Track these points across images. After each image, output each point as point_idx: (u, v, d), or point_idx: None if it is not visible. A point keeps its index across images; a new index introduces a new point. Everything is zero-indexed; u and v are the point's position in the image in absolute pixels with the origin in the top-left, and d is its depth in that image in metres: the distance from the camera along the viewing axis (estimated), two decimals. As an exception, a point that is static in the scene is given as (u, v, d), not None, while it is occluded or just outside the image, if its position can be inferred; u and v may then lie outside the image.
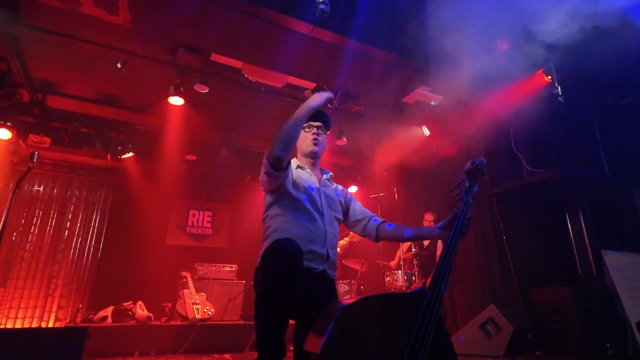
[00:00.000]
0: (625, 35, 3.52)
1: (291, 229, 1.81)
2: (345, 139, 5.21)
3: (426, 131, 5.23)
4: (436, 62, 3.51)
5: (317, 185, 2.04)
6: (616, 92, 4.52)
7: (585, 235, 4.56)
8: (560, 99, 3.47)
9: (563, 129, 4.46)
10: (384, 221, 2.11)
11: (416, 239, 1.95)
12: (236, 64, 4.22)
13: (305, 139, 2.08)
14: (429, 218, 5.25)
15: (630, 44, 3.62)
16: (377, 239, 2.09)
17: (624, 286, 4.24)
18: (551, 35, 3.56)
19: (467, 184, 1.62)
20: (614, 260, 4.43)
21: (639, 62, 3.90)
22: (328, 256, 1.87)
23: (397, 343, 1.21)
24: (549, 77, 3.58)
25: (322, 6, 2.21)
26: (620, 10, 3.40)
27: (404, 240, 2.08)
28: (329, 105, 4.82)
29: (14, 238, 5.85)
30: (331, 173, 2.20)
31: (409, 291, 1.39)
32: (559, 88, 3.51)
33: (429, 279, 1.41)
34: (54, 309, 5.82)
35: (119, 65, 3.95)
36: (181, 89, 4.23)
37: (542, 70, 3.70)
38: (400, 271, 4.85)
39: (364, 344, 1.21)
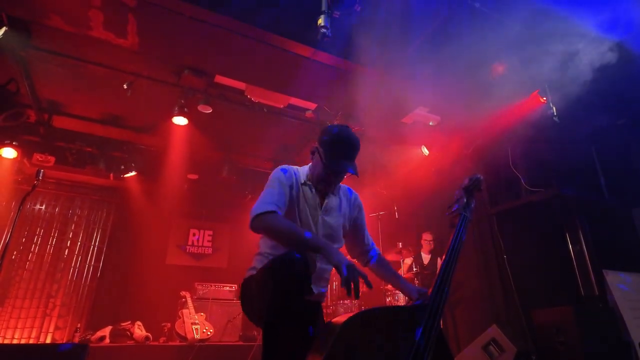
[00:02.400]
0: (620, 57, 3.64)
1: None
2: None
3: (425, 151, 5.30)
4: (433, 83, 3.61)
5: (318, 212, 1.84)
6: (611, 113, 4.61)
7: (586, 254, 4.55)
8: (556, 118, 3.55)
9: (560, 149, 4.52)
10: (378, 257, 2.01)
11: (395, 285, 1.88)
12: (239, 85, 4.33)
13: (321, 173, 1.81)
14: (427, 238, 5.27)
15: (624, 66, 3.74)
16: (365, 266, 2.03)
17: (627, 306, 4.21)
18: (546, 59, 3.68)
19: (465, 200, 1.66)
20: (616, 280, 4.40)
21: (632, 84, 4.02)
22: (311, 291, 1.70)
23: (399, 355, 1.22)
24: (544, 99, 3.68)
25: (323, 30, 2.31)
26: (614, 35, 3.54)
27: (387, 281, 2.00)
28: (328, 125, 4.90)
29: (13, 257, 5.83)
30: (340, 186, 1.95)
31: (409, 305, 1.41)
32: (554, 108, 3.60)
33: (429, 292, 1.43)
34: (51, 329, 5.75)
35: (125, 87, 4.06)
36: (185, 109, 4.33)
37: (537, 91, 3.80)
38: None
39: (365, 357, 1.22)
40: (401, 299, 4.76)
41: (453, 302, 5.07)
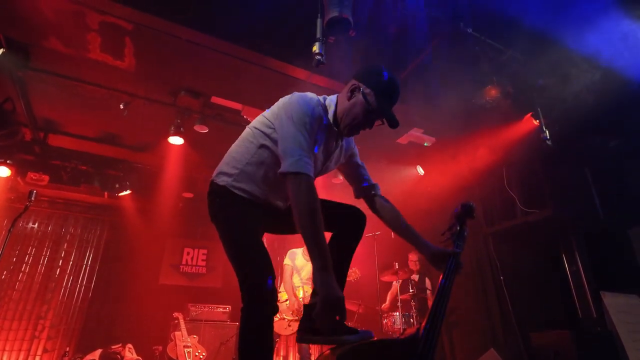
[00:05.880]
0: (609, 80, 3.71)
1: (256, 189, 1.67)
2: (341, 177, 5.30)
3: (421, 171, 5.32)
4: (427, 105, 3.65)
5: (327, 158, 1.79)
6: (604, 134, 4.66)
7: (583, 276, 4.52)
8: (549, 142, 3.58)
9: (555, 170, 4.55)
10: (375, 194, 1.88)
11: (410, 240, 1.74)
12: (235, 105, 4.35)
13: (359, 117, 1.64)
14: (413, 258, 5.27)
15: (615, 89, 3.80)
16: (372, 209, 1.89)
17: (625, 329, 4.16)
18: (538, 83, 3.74)
19: (458, 228, 1.64)
20: (613, 302, 4.36)
21: (623, 106, 4.08)
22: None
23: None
24: (537, 121, 3.72)
25: (318, 57, 2.34)
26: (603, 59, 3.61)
27: (398, 232, 1.81)
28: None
29: (3, 277, 5.73)
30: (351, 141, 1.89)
31: (402, 337, 1.38)
32: (547, 132, 3.63)
33: (423, 324, 1.40)
34: (39, 352, 5.60)
35: (121, 107, 4.08)
36: (181, 129, 4.34)
37: (530, 114, 3.84)
38: (397, 313, 4.75)
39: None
40: (398, 322, 4.68)
41: (450, 324, 5.00)
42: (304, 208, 1.42)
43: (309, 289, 4.57)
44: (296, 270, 4.65)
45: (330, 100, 1.75)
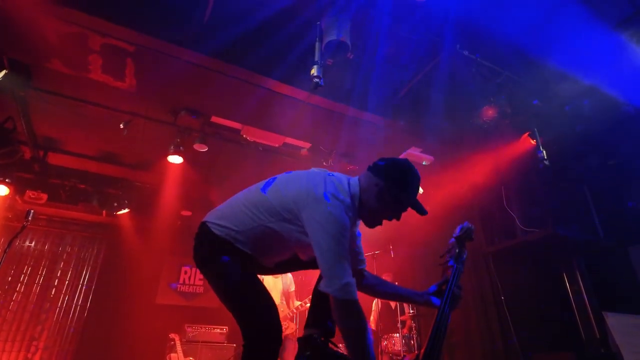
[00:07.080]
0: (606, 101, 3.76)
1: (261, 253, 1.65)
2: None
3: (419, 189, 5.32)
4: (425, 124, 3.68)
5: None
6: (601, 154, 4.69)
7: (585, 295, 4.47)
8: (546, 162, 3.59)
9: (554, 189, 4.55)
10: (362, 268, 1.87)
11: (403, 300, 1.79)
12: (235, 124, 4.39)
13: (389, 214, 1.72)
14: (387, 279, 5.16)
15: (609, 109, 3.84)
16: (358, 281, 1.82)
17: (629, 350, 4.08)
18: (534, 103, 3.79)
19: (457, 250, 1.63)
20: (616, 322, 4.28)
21: (617, 126, 4.12)
22: None
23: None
24: (534, 141, 3.74)
25: (316, 79, 2.37)
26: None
27: (388, 298, 1.84)
28: (323, 163, 4.93)
29: (-3, 297, 5.65)
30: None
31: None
32: (544, 152, 3.65)
33: (422, 350, 1.38)
34: (32, 374, 5.48)
35: (121, 126, 4.10)
36: (181, 148, 4.35)
37: (527, 134, 3.87)
38: (397, 334, 4.67)
39: None
40: (398, 343, 4.60)
41: (451, 345, 4.90)
42: (354, 334, 1.42)
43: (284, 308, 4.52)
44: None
45: (355, 190, 1.68)
